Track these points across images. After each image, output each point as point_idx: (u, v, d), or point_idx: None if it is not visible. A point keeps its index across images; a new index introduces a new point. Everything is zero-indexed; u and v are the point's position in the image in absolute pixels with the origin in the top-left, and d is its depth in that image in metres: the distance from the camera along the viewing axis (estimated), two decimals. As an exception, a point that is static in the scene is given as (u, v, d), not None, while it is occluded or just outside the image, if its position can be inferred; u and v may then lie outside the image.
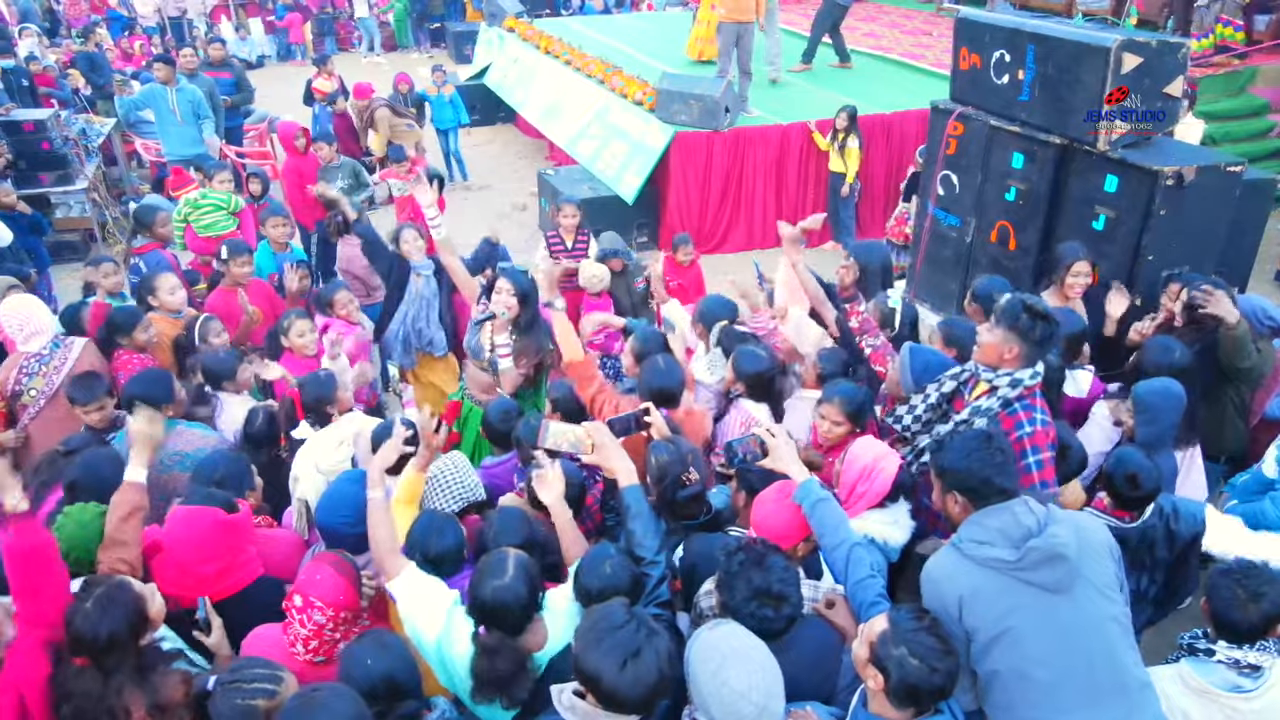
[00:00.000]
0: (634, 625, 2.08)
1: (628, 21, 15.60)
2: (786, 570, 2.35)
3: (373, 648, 2.27)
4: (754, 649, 2.14)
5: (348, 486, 3.00)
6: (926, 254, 6.32)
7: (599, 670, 2.03)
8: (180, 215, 6.19)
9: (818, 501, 2.63)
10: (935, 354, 3.58)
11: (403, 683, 2.24)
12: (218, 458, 3.20)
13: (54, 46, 12.93)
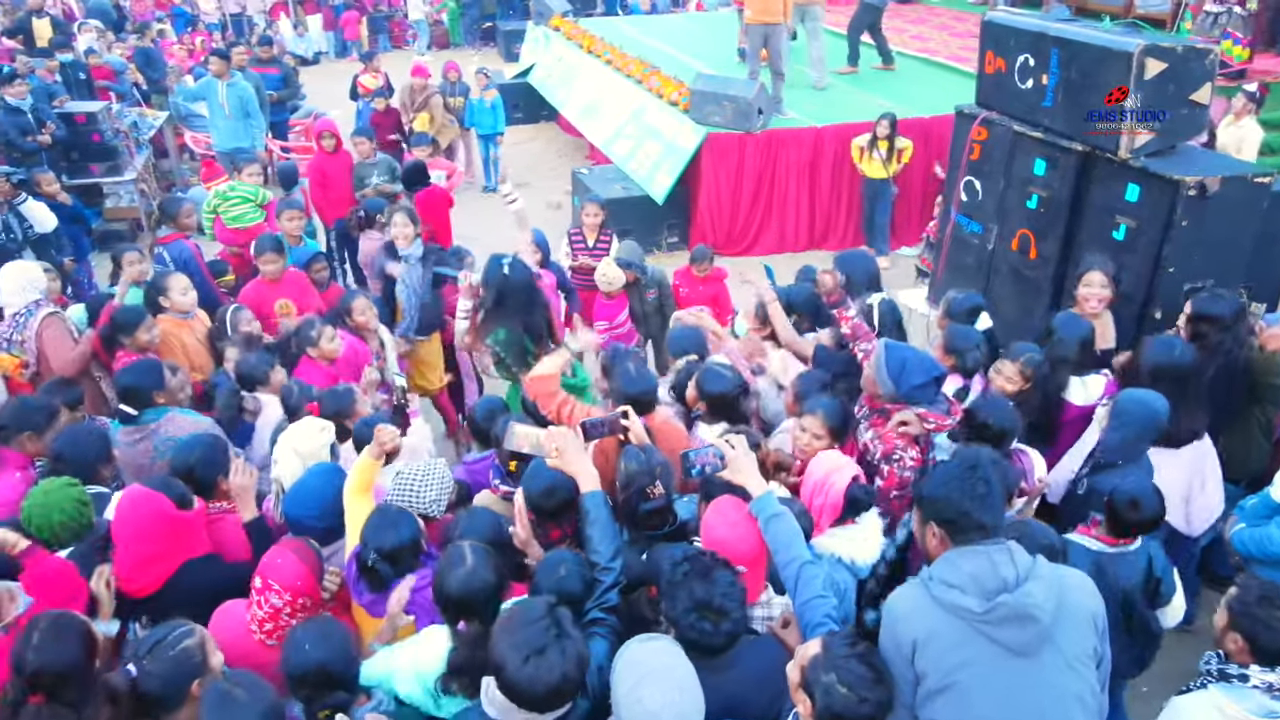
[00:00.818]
0: (546, 623, 2.09)
1: (674, 21, 15.60)
2: (732, 585, 2.32)
3: (314, 635, 2.30)
4: (676, 669, 2.11)
5: (317, 480, 3.06)
6: (948, 260, 6.21)
7: (503, 661, 2.06)
8: (210, 207, 6.38)
9: (772, 517, 2.56)
10: (912, 352, 3.50)
11: (336, 673, 2.26)
12: (194, 441, 3.28)
13: (119, 42, 13.41)
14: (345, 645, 2.32)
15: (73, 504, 2.91)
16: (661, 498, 2.85)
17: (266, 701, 2.06)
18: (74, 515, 2.91)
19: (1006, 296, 5.68)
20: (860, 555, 3.09)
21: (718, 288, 6.10)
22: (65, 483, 2.97)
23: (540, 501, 2.86)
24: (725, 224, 9.25)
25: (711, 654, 2.30)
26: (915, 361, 3.40)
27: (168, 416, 3.92)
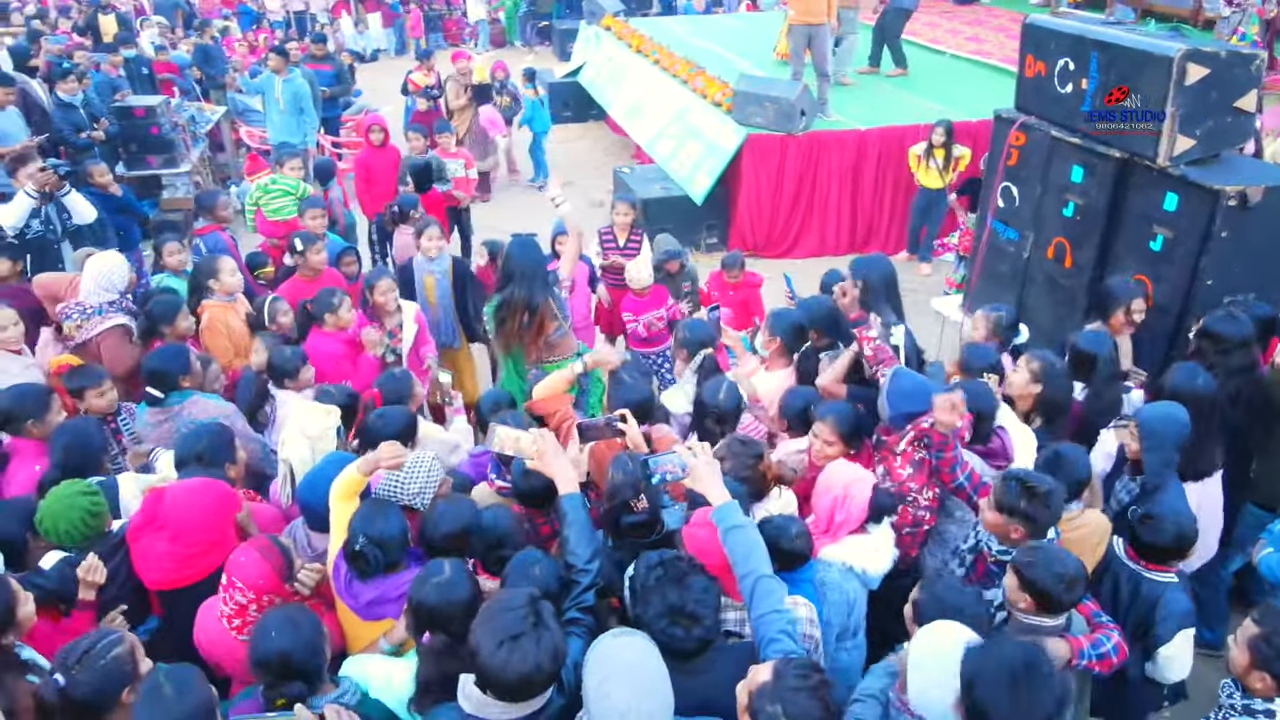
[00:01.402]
0: (525, 612, 2.10)
1: (725, 22, 15.52)
2: (706, 591, 2.30)
3: (283, 622, 2.32)
4: (646, 667, 2.08)
5: (331, 470, 3.10)
6: (983, 268, 6.08)
7: (479, 645, 2.07)
8: (252, 199, 6.55)
9: (731, 528, 2.52)
10: (918, 382, 3.41)
11: (297, 664, 2.28)
12: (201, 430, 3.37)
13: (186, 39, 13.85)
14: (312, 636, 2.33)
15: (83, 513, 2.96)
16: (644, 511, 2.82)
17: (197, 698, 2.10)
18: (83, 523, 2.97)
19: (1041, 306, 5.55)
20: (871, 565, 3.05)
21: (747, 293, 6.06)
22: (79, 490, 3.01)
23: (526, 492, 2.87)
24: (765, 226, 9.19)
25: (684, 658, 2.28)
26: (916, 393, 3.33)
27: (191, 400, 4.05)
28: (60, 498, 2.98)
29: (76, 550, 2.98)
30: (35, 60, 9.96)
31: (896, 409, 3.37)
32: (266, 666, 2.26)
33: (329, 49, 11.26)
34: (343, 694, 2.37)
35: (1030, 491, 2.94)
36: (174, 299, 4.86)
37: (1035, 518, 2.92)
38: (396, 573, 2.78)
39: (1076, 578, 2.68)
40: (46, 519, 2.95)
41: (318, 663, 2.34)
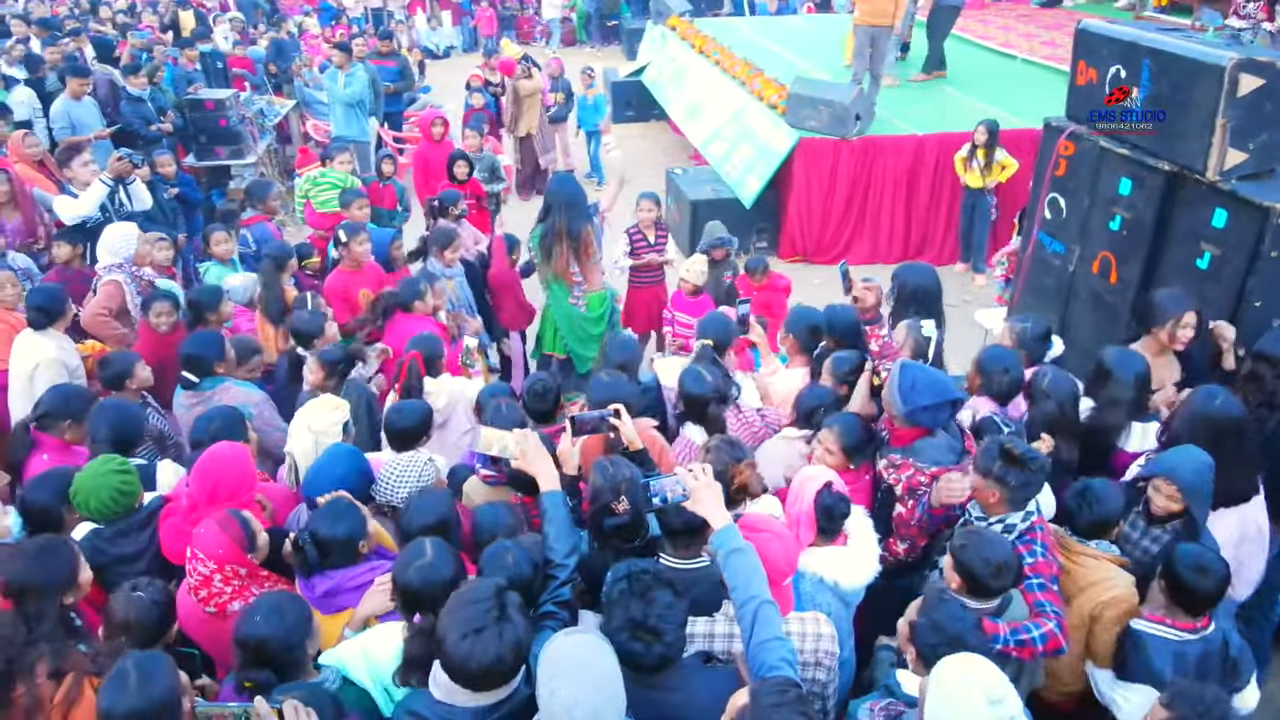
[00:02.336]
0: (490, 604, 2.12)
1: (794, 24, 15.35)
2: (669, 607, 2.26)
3: (267, 608, 2.37)
4: (595, 664, 2.07)
5: (332, 464, 3.18)
6: (1028, 281, 5.89)
7: (444, 635, 2.11)
8: (301, 192, 6.74)
9: (731, 552, 2.46)
10: (927, 373, 3.33)
11: (271, 651, 2.32)
12: (214, 412, 3.51)
13: (265, 34, 14.32)
14: (294, 627, 2.36)
15: (113, 490, 3.08)
16: (625, 514, 2.81)
17: (160, 687, 2.15)
18: (113, 500, 3.09)
19: (1084, 322, 5.36)
20: (845, 577, 2.98)
21: (772, 296, 5.99)
22: (112, 468, 3.13)
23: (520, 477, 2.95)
24: (815, 231, 9.07)
25: (647, 672, 2.27)
26: (926, 382, 3.25)
27: (223, 386, 4.22)
28: (93, 474, 3.11)
29: (106, 524, 3.12)
30: (120, 53, 10.42)
31: (911, 403, 3.26)
32: (243, 647, 2.32)
33: (395, 45, 11.48)
34: (323, 680, 2.42)
35: (1008, 455, 2.92)
36: (215, 288, 5.07)
37: (1010, 482, 2.91)
38: (352, 564, 2.81)
39: (1005, 565, 2.71)
40: (80, 493, 3.09)
41: (296, 655, 2.37)
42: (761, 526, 2.71)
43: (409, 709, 2.21)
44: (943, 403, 3.26)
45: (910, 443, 3.38)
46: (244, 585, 2.73)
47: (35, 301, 4.53)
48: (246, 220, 6.20)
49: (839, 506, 3.04)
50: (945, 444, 3.33)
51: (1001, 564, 2.70)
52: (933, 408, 3.24)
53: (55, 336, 4.58)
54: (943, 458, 3.29)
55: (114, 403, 3.79)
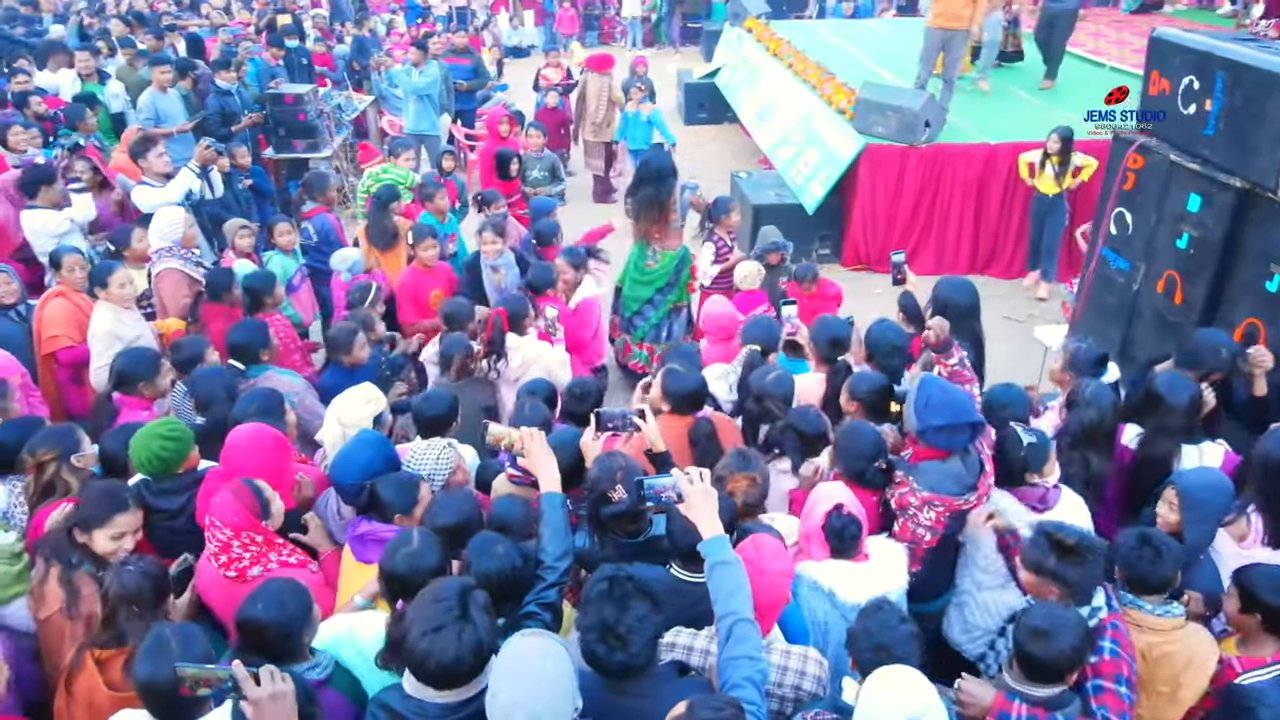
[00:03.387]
0: (452, 603, 2.12)
1: (876, 28, 15.07)
2: (642, 620, 2.22)
3: (270, 595, 2.41)
4: (541, 669, 2.02)
5: (358, 450, 3.23)
6: (1090, 298, 5.65)
7: (406, 632, 2.12)
8: (363, 186, 6.91)
9: (718, 564, 2.42)
10: (946, 392, 3.17)
11: (270, 638, 2.36)
12: (254, 394, 3.63)
13: (351, 31, 14.75)
14: (294, 615, 2.39)
15: (152, 453, 3.22)
16: (621, 502, 2.81)
17: (195, 655, 2.22)
18: (150, 460, 3.23)
19: (1147, 343, 5.12)
20: (842, 589, 2.91)
21: (821, 304, 5.86)
22: (159, 432, 3.27)
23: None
24: (879, 239, 8.87)
25: (613, 678, 2.25)
26: (942, 401, 3.11)
27: (266, 374, 4.36)
28: (144, 433, 3.27)
29: (153, 479, 3.29)
30: (210, 48, 10.87)
31: (924, 422, 3.12)
32: (243, 629, 2.37)
33: (468, 43, 11.69)
34: (314, 666, 2.46)
35: (1060, 546, 2.65)
36: (269, 274, 5.25)
37: (1069, 578, 2.63)
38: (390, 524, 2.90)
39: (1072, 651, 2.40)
40: (135, 446, 3.25)
41: (294, 642, 2.41)
42: (755, 557, 2.59)
43: (381, 702, 2.23)
44: (959, 424, 3.09)
45: (918, 461, 3.25)
46: (261, 552, 2.83)
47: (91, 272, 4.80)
48: (307, 213, 6.38)
49: (849, 528, 2.97)
50: (953, 473, 3.15)
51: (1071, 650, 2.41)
52: (947, 429, 3.09)
53: (113, 309, 4.77)
54: (943, 486, 3.13)
55: (208, 371, 4.10)
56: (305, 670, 2.43)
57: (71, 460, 3.31)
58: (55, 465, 3.32)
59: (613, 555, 2.94)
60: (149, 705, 2.25)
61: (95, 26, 11.77)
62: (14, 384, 4.23)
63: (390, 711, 2.19)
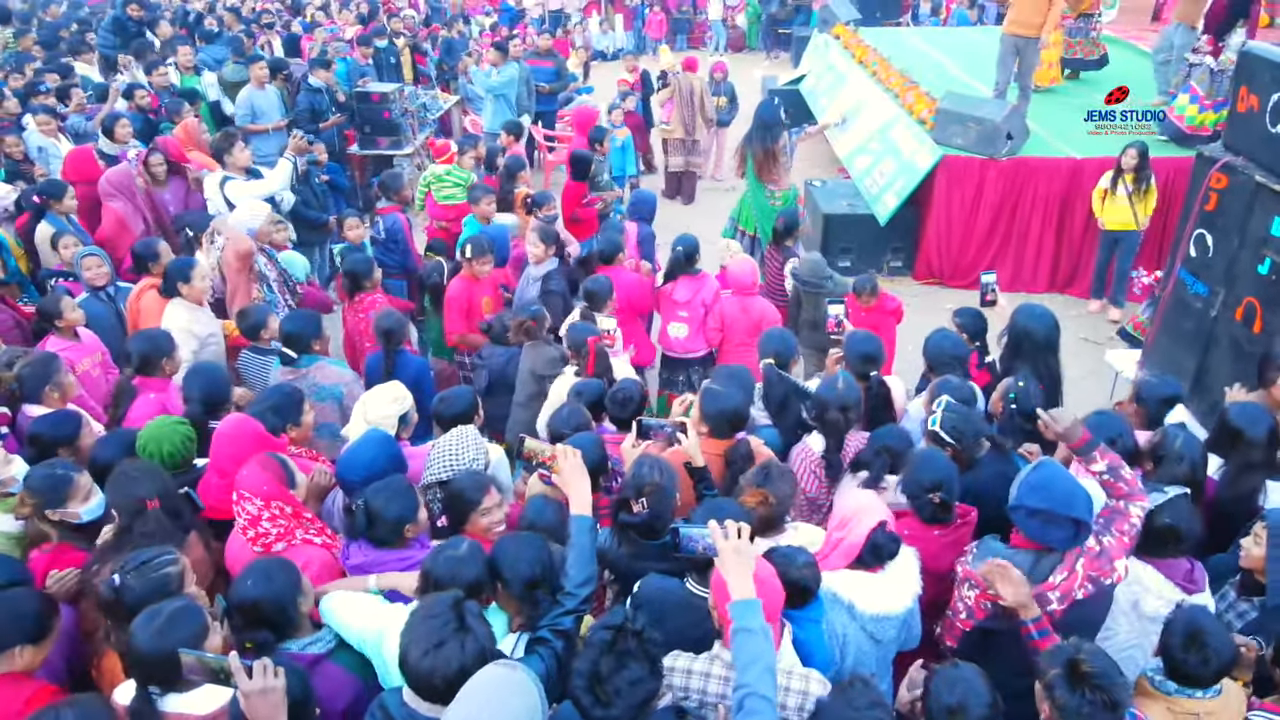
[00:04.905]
0: (448, 618, 2.15)
1: (970, 36, 14.68)
2: (634, 685, 2.12)
3: (260, 573, 2.50)
4: (499, 700, 2.00)
5: (364, 450, 3.31)
6: (1165, 322, 5.40)
7: (406, 652, 2.16)
8: (424, 183, 7.14)
9: (741, 629, 2.28)
10: (1064, 480, 2.83)
11: (265, 613, 2.45)
12: (273, 391, 3.74)
13: (440, 32, 15.17)
14: (283, 589, 2.48)
15: (179, 440, 3.40)
16: (640, 515, 2.84)
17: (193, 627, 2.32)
18: (177, 449, 3.41)
19: (1223, 373, 4.87)
20: (862, 601, 2.85)
21: (880, 319, 5.72)
22: (176, 421, 3.47)
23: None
24: (954, 253, 8.65)
25: None
26: (1045, 482, 2.81)
27: (318, 365, 4.50)
28: (161, 426, 3.44)
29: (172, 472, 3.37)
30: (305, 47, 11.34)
31: (1019, 499, 2.84)
32: (239, 610, 2.47)
33: (551, 46, 11.91)
34: (313, 640, 2.55)
35: (1084, 683, 2.24)
36: (367, 258, 5.52)
37: (1083, 712, 2.23)
38: (392, 549, 2.92)
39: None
40: (149, 444, 3.39)
41: (289, 613, 2.50)
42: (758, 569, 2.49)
43: (382, 703, 2.27)
44: (1058, 516, 2.76)
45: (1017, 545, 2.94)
46: (289, 527, 2.92)
47: (168, 269, 5.00)
48: (381, 209, 6.59)
49: (888, 546, 2.91)
50: (1018, 561, 2.83)
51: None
52: (1041, 515, 2.77)
53: (189, 307, 5.00)
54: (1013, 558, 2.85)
55: (204, 366, 4.16)
56: (306, 644, 2.53)
57: (47, 514, 3.12)
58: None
59: (630, 555, 2.96)
60: (135, 674, 2.34)
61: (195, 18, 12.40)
62: (88, 363, 4.47)
63: (386, 714, 2.24)
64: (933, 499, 3.17)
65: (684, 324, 5.80)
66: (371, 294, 5.36)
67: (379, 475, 3.11)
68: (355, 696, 2.52)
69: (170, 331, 4.47)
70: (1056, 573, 2.80)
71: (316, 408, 4.16)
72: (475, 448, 3.35)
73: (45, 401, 3.92)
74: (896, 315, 6.00)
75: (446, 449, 3.33)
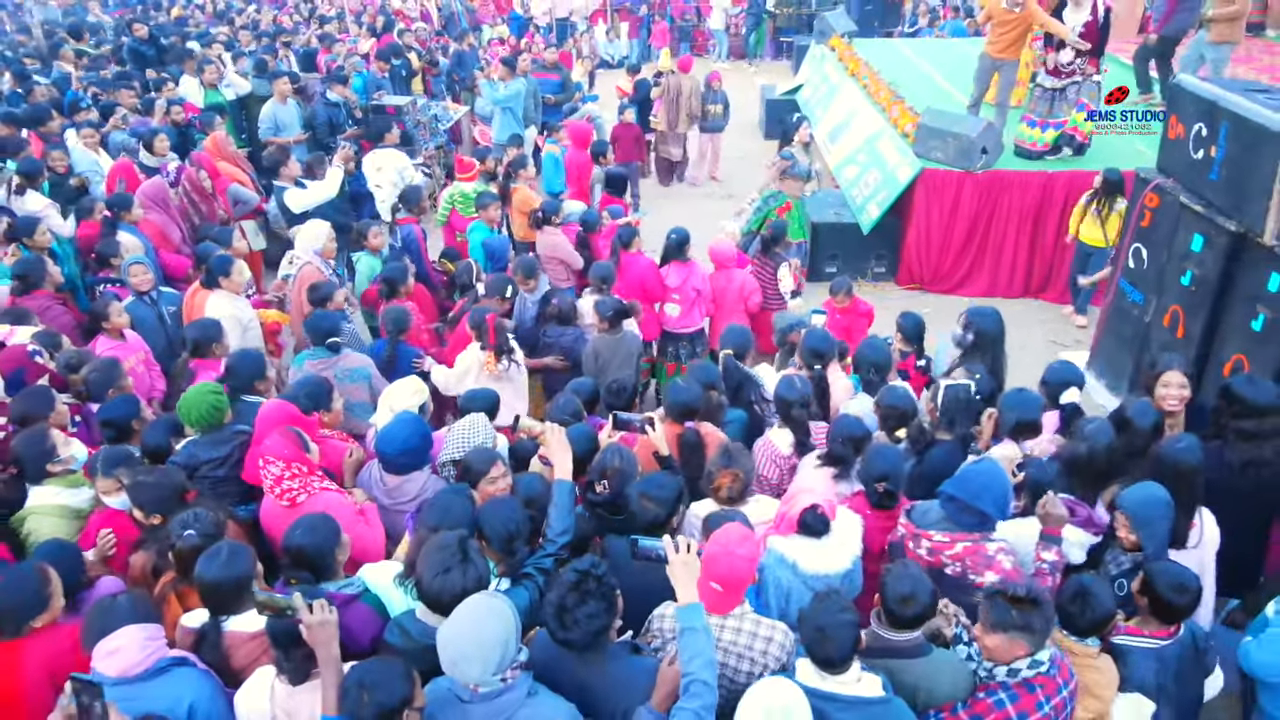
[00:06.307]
0: (454, 550, 2.75)
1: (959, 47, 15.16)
2: (591, 618, 2.62)
3: (307, 525, 3.08)
4: (479, 620, 2.48)
5: (400, 428, 3.87)
6: (1107, 326, 5.94)
7: (421, 574, 2.76)
8: (449, 200, 7.73)
9: (687, 629, 2.71)
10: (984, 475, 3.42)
11: (309, 557, 3.03)
12: (306, 380, 4.35)
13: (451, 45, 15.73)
14: (325, 539, 3.07)
15: (209, 404, 4.01)
16: (604, 494, 3.43)
17: (243, 564, 2.94)
18: (208, 412, 4.00)
19: (1154, 374, 5.40)
20: (804, 561, 3.39)
21: (853, 321, 6.28)
22: (210, 389, 4.07)
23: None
24: (934, 260, 9.18)
25: (562, 648, 2.72)
26: (964, 477, 3.44)
27: (345, 354, 5.13)
28: (196, 391, 4.05)
29: (201, 432, 4.02)
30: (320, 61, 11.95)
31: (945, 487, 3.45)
32: (288, 553, 3.07)
33: (558, 59, 12.50)
34: (347, 584, 3.13)
35: (1016, 600, 2.83)
36: (402, 267, 6.12)
37: (1031, 626, 2.80)
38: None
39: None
40: (183, 407, 4.02)
41: (327, 560, 3.09)
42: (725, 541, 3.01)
43: (399, 622, 2.88)
44: (968, 506, 3.35)
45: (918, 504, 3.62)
46: (306, 481, 3.53)
47: (210, 264, 5.72)
48: (401, 220, 7.19)
49: (815, 525, 3.42)
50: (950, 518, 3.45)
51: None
52: (956, 502, 3.37)
53: (231, 298, 5.67)
54: (935, 526, 3.46)
55: (244, 351, 4.86)
56: (340, 587, 3.10)
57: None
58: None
59: (596, 526, 3.54)
60: (205, 599, 2.94)
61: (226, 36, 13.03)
62: (133, 360, 5.08)
63: (404, 630, 2.85)
64: (878, 487, 3.73)
65: (676, 304, 6.54)
66: (404, 299, 5.93)
67: (411, 450, 3.80)
68: (378, 631, 3.09)
69: (219, 320, 5.13)
70: (958, 540, 3.41)
71: (348, 389, 4.94)
72: (485, 433, 3.94)
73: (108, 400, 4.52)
74: (868, 318, 6.56)
75: (460, 433, 3.92)
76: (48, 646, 2.98)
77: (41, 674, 2.94)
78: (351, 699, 2.39)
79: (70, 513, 3.77)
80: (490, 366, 5.05)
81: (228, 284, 5.62)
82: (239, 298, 5.78)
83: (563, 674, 2.76)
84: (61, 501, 3.75)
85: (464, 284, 6.51)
